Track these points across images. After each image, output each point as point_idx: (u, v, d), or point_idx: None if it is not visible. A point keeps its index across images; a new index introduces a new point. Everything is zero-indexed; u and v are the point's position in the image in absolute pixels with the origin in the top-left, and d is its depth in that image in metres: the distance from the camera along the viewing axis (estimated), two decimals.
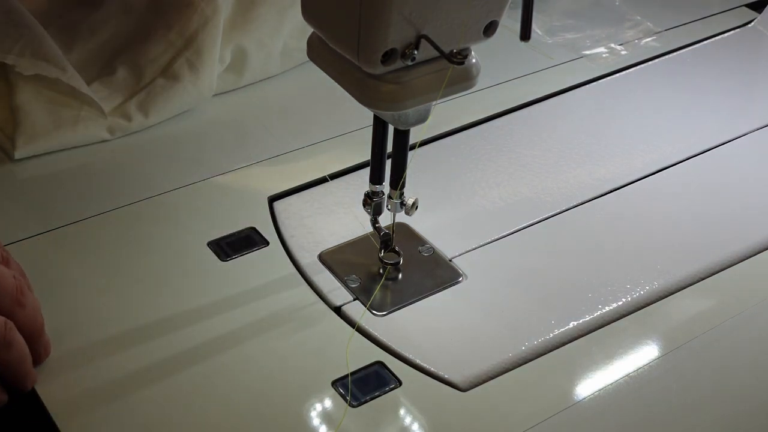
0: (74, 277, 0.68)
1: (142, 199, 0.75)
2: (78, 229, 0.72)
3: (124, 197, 0.75)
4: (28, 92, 0.79)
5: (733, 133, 0.84)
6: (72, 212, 0.73)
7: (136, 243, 0.71)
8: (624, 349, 0.65)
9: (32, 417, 0.58)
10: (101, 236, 0.72)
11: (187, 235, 0.72)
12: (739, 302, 0.69)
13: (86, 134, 0.79)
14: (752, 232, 0.74)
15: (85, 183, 0.77)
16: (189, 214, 0.74)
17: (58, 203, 0.74)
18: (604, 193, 0.78)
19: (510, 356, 0.64)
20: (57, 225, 0.72)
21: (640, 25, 0.97)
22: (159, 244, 0.71)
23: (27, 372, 0.58)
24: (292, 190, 0.77)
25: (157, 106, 0.81)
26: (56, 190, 0.76)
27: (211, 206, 0.75)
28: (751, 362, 0.65)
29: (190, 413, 0.59)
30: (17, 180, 0.77)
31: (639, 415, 0.61)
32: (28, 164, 0.78)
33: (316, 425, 0.59)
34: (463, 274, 0.70)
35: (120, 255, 0.70)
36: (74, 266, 0.69)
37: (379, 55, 0.55)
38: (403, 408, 0.61)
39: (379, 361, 0.63)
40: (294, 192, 0.77)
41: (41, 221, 0.72)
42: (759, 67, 0.93)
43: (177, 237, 0.72)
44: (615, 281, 0.70)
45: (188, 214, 0.74)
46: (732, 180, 0.80)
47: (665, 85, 0.90)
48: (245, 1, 0.85)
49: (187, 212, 0.74)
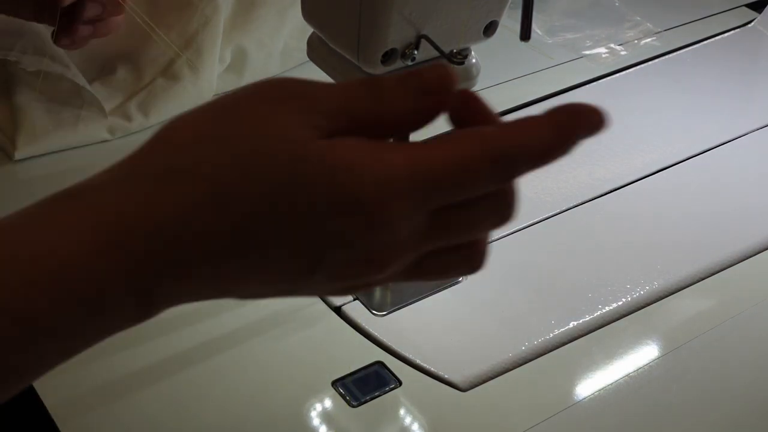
0: None
1: None
2: None
3: None
4: (28, 92, 0.79)
5: (733, 133, 0.84)
6: None
7: None
8: (624, 349, 0.65)
9: (32, 417, 0.58)
10: None
11: None
12: (739, 302, 0.69)
13: (86, 134, 0.79)
14: (752, 232, 0.74)
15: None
16: None
17: None
18: (604, 193, 0.78)
19: (510, 356, 0.64)
20: None
21: (640, 26, 0.97)
22: None
23: None
24: None
25: (158, 106, 0.80)
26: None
27: None
28: (752, 362, 0.65)
29: (190, 413, 0.59)
30: (18, 180, 0.77)
31: (639, 415, 0.61)
32: (29, 165, 0.78)
33: (317, 425, 0.59)
34: None
35: None
36: None
37: (379, 55, 0.55)
38: (403, 408, 0.61)
39: (379, 361, 0.63)
40: None
41: None
42: (759, 67, 0.93)
43: None
44: (615, 281, 0.70)
45: None
46: (732, 180, 0.80)
47: (665, 86, 0.90)
48: (245, 2, 0.85)
49: None
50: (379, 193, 0.38)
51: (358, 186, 0.38)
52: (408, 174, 0.39)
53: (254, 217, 0.38)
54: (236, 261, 0.39)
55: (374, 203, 0.38)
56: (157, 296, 0.40)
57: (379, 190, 0.38)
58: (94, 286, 0.38)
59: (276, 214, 0.38)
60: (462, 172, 0.39)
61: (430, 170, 0.39)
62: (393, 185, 0.39)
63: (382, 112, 0.41)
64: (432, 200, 0.40)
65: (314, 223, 0.39)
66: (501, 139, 0.40)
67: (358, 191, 0.38)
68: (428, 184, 0.39)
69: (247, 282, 0.41)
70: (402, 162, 0.39)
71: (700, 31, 0.97)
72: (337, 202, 0.38)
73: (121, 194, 0.39)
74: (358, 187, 0.38)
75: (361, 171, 0.38)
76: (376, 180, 0.38)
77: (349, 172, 0.38)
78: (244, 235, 0.39)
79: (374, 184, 0.38)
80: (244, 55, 0.85)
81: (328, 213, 0.38)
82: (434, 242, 0.42)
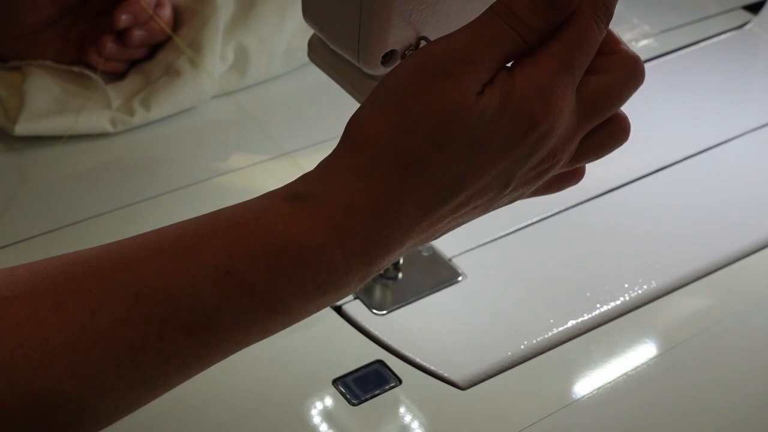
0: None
1: (141, 200, 0.75)
2: (77, 230, 0.72)
3: (127, 198, 0.75)
4: (39, 81, 0.80)
5: (730, 134, 0.84)
6: (74, 213, 0.74)
7: None
8: (622, 348, 0.65)
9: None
10: (103, 238, 0.72)
11: None
12: (736, 301, 0.69)
13: (88, 123, 0.79)
14: (749, 231, 0.75)
15: (85, 183, 0.77)
16: (194, 214, 0.74)
17: (60, 202, 0.75)
18: (602, 193, 0.78)
19: (509, 355, 0.64)
20: (55, 227, 0.72)
21: (638, 27, 0.97)
22: None
23: None
24: None
25: (159, 101, 0.81)
26: (59, 190, 0.76)
27: (210, 208, 0.75)
28: (749, 360, 0.65)
29: (191, 410, 0.59)
30: (17, 176, 0.77)
31: (637, 413, 0.61)
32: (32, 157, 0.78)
33: (317, 423, 0.59)
34: (462, 274, 0.70)
35: None
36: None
37: (380, 57, 0.55)
38: (403, 406, 0.61)
39: (379, 360, 0.63)
40: None
41: (44, 221, 0.73)
42: (755, 68, 0.93)
43: None
44: (613, 280, 0.70)
45: (193, 214, 0.74)
46: (728, 180, 0.80)
47: (663, 86, 0.90)
48: (245, 1, 0.86)
49: (192, 212, 0.74)
50: (543, 103, 0.46)
51: (528, 111, 0.45)
52: (551, 71, 0.46)
53: (454, 164, 0.46)
54: (448, 198, 0.47)
55: (542, 113, 0.46)
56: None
57: (541, 101, 0.46)
58: (330, 273, 0.46)
59: (472, 158, 0.46)
60: (578, 29, 0.47)
61: (561, 57, 0.46)
62: (548, 88, 0.46)
63: (524, 36, 0.47)
64: (576, 69, 0.47)
65: (509, 156, 0.47)
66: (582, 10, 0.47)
67: (531, 116, 0.46)
68: (567, 65, 0.46)
69: (445, 210, 0.48)
70: (545, 69, 0.46)
71: (697, 32, 0.97)
72: (521, 132, 0.46)
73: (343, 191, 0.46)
74: (529, 112, 0.46)
75: (523, 96, 0.46)
76: (536, 97, 0.46)
77: (516, 103, 0.46)
78: (455, 175, 0.46)
79: (537, 101, 0.46)
80: (246, 53, 0.85)
81: (517, 143, 0.46)
82: (588, 122, 0.49)
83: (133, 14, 0.79)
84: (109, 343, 0.44)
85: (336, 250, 0.46)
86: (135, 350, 0.45)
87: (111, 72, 0.83)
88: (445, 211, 0.48)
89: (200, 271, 0.45)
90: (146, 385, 0.47)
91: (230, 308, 0.46)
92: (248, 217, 0.46)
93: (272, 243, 0.45)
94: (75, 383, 0.44)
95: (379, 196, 0.46)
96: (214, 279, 0.45)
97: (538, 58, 0.46)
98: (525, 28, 0.46)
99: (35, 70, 0.81)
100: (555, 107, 0.46)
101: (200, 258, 0.46)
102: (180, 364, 0.47)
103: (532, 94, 0.46)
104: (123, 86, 0.83)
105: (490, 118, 0.45)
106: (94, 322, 0.44)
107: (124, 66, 0.83)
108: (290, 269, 0.45)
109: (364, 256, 0.46)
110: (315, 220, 0.46)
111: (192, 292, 0.45)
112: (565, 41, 0.46)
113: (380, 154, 0.46)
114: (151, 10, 0.80)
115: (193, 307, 0.45)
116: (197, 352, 0.47)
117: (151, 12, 0.80)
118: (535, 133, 0.46)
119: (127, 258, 0.46)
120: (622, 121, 0.51)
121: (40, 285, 0.45)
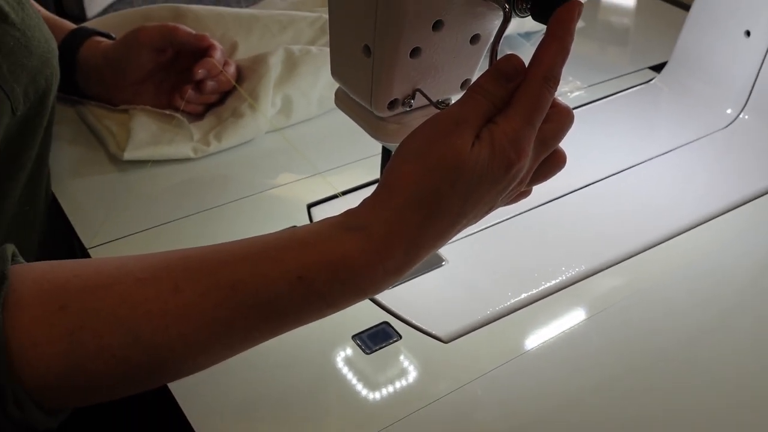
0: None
1: (214, 206, 0.75)
2: (168, 228, 0.72)
3: (204, 204, 0.75)
4: (141, 120, 0.80)
5: (639, 160, 0.84)
6: (166, 215, 0.74)
7: (212, 240, 0.71)
8: (560, 313, 0.65)
9: (172, 424, 0.56)
10: (187, 233, 0.72)
11: (245, 234, 0.72)
12: (642, 281, 0.69)
13: (177, 151, 0.79)
14: (653, 228, 0.74)
15: (174, 194, 0.77)
16: (249, 221, 0.74)
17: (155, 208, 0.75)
18: (548, 201, 0.78)
19: (479, 318, 0.64)
20: (153, 225, 0.72)
21: (571, 83, 0.97)
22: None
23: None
24: (324, 199, 0.77)
25: (227, 135, 0.81)
26: (155, 199, 0.76)
27: (264, 213, 0.75)
28: (650, 324, 0.65)
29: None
30: (125, 189, 0.77)
31: (571, 360, 0.61)
32: (136, 175, 0.78)
33: (340, 367, 0.59)
34: (445, 259, 0.70)
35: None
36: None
37: (387, 103, 0.55)
38: (402, 355, 0.61)
39: (385, 321, 0.63)
40: (326, 200, 0.77)
41: (141, 222, 0.73)
42: (659, 113, 0.93)
43: (242, 234, 0.72)
44: (554, 264, 0.70)
45: (249, 221, 0.74)
46: (638, 192, 0.80)
47: (590, 126, 0.90)
48: (290, 63, 0.86)
49: (251, 217, 0.75)
50: (516, 151, 0.48)
51: (506, 158, 0.47)
52: (519, 126, 0.48)
53: (460, 199, 0.48)
54: (452, 224, 0.49)
55: (516, 158, 0.48)
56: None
57: (515, 149, 0.47)
58: (371, 283, 0.48)
59: (471, 193, 0.48)
60: (535, 95, 0.48)
61: (525, 116, 0.48)
62: (518, 140, 0.48)
63: (494, 103, 0.49)
64: (535, 125, 0.48)
65: (493, 189, 0.49)
66: (535, 69, 0.48)
67: (508, 161, 0.48)
68: (530, 122, 0.48)
69: (453, 231, 0.50)
70: (515, 124, 0.48)
71: (615, 86, 0.97)
72: (502, 172, 0.48)
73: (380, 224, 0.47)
74: (507, 158, 0.47)
75: (502, 147, 0.47)
76: (510, 147, 0.47)
77: (498, 152, 0.47)
78: (462, 204, 0.48)
79: (512, 150, 0.47)
80: (290, 101, 0.85)
81: (500, 179, 0.48)
82: (541, 156, 0.51)
83: (208, 70, 0.79)
84: (210, 319, 0.45)
85: (378, 266, 0.47)
86: (227, 326, 0.45)
87: (192, 113, 0.83)
88: (453, 232, 0.50)
89: (279, 275, 0.46)
90: (230, 349, 0.48)
91: (298, 302, 0.46)
92: (316, 240, 0.47)
93: (332, 260, 0.46)
94: (182, 343, 0.45)
95: (410, 228, 0.47)
96: (289, 281, 0.46)
97: (510, 117, 0.48)
98: (493, 97, 0.48)
99: (138, 112, 0.81)
100: (524, 152, 0.48)
101: (279, 266, 0.46)
102: (256, 337, 0.48)
103: (509, 145, 0.47)
104: (201, 124, 0.83)
105: (482, 164, 0.47)
106: (201, 303, 0.45)
107: (201, 109, 0.83)
108: (344, 279, 0.46)
109: (396, 271, 0.48)
110: (363, 245, 0.47)
111: (272, 288, 0.46)
112: (528, 105, 0.48)
113: (409, 196, 0.47)
114: (221, 67, 0.80)
115: (272, 299, 0.46)
116: (270, 328, 0.48)
117: (220, 68, 0.80)
118: (512, 171, 0.48)
119: (225, 260, 0.47)
120: (561, 154, 0.53)
121: (164, 272, 0.46)
